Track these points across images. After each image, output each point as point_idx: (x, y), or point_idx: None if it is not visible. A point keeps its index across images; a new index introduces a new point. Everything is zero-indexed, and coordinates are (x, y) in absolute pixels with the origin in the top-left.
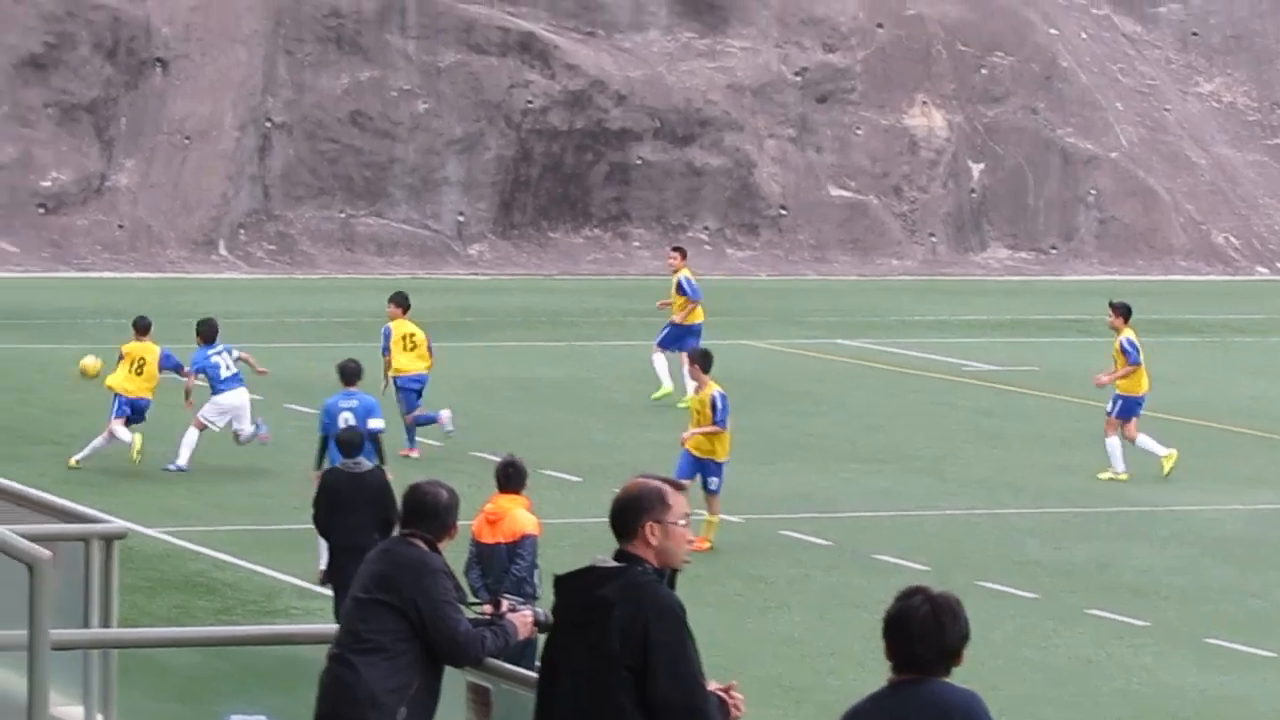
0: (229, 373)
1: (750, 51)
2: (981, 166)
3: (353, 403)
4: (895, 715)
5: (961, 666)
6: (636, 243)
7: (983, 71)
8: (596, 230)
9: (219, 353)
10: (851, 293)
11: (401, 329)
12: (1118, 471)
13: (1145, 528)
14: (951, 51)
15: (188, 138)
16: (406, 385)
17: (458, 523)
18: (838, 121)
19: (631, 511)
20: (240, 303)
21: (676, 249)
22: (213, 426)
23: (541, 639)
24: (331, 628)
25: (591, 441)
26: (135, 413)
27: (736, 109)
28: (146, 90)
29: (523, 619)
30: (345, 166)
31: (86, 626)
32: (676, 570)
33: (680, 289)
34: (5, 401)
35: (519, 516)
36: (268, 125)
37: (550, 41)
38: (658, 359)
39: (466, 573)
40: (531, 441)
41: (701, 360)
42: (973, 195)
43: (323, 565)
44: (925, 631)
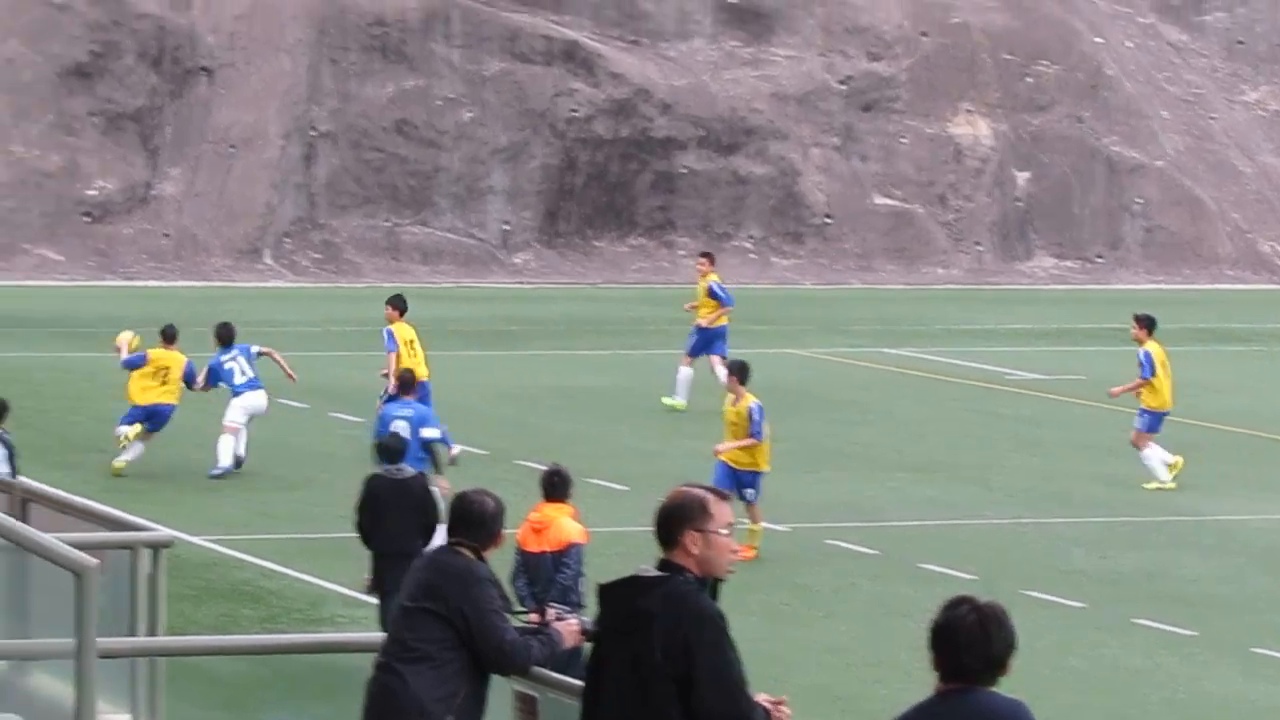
0: (244, 378)
1: (795, 60)
2: (1027, 175)
3: (407, 411)
4: None
5: (1008, 676)
6: (681, 251)
7: (1028, 80)
8: (641, 239)
9: (233, 357)
10: (896, 301)
11: (404, 334)
12: (1163, 481)
13: (1192, 537)
14: (996, 60)
15: (233, 146)
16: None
17: (504, 531)
18: (882, 130)
19: (673, 520)
20: (285, 311)
21: (705, 254)
22: (239, 425)
23: (588, 648)
24: (377, 636)
25: (637, 450)
26: (152, 419)
27: (781, 117)
28: (192, 99)
29: (569, 627)
30: (390, 175)
31: (133, 634)
32: (720, 580)
33: (712, 294)
34: (53, 410)
35: (564, 525)
36: (313, 134)
37: (595, 50)
38: (684, 371)
39: (512, 581)
40: (577, 450)
41: (740, 372)
42: (1018, 204)
43: (370, 574)
44: (972, 641)
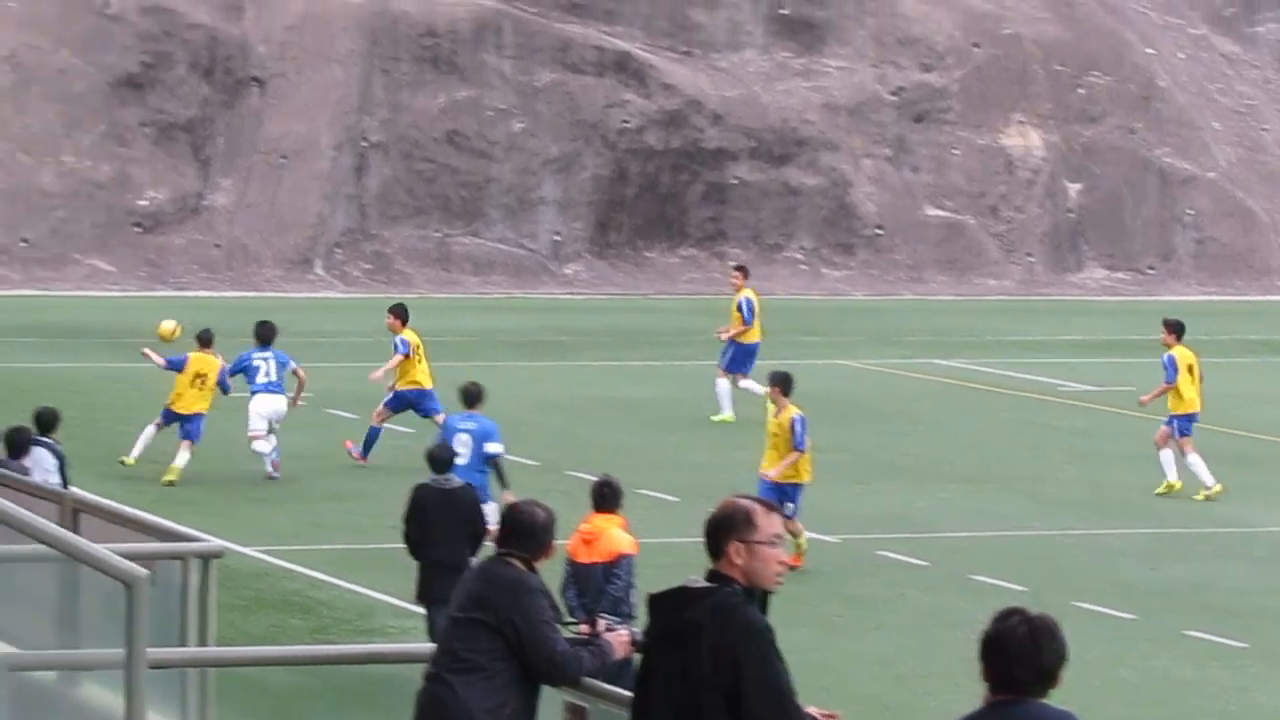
0: (266, 379)
1: (846, 71)
2: (1079, 186)
3: (471, 425)
4: None
5: (1058, 688)
6: (733, 262)
7: (1080, 91)
8: (692, 250)
9: (266, 358)
10: (948, 313)
11: (412, 341)
12: (1209, 487)
13: (1243, 548)
14: (1048, 71)
15: (284, 157)
16: (409, 397)
17: (554, 542)
18: (934, 141)
19: (718, 531)
20: (336, 322)
21: (738, 268)
22: (260, 431)
23: (638, 659)
24: (428, 647)
25: (688, 461)
26: (185, 425)
27: (832, 128)
28: (243, 109)
29: (619, 638)
30: (441, 186)
31: (183, 645)
32: (768, 592)
33: (739, 308)
34: (102, 420)
35: (615, 536)
36: (364, 145)
37: (646, 61)
38: (721, 383)
39: (562, 592)
40: (627, 461)
41: (782, 383)
42: (1070, 215)
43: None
44: (1023, 652)
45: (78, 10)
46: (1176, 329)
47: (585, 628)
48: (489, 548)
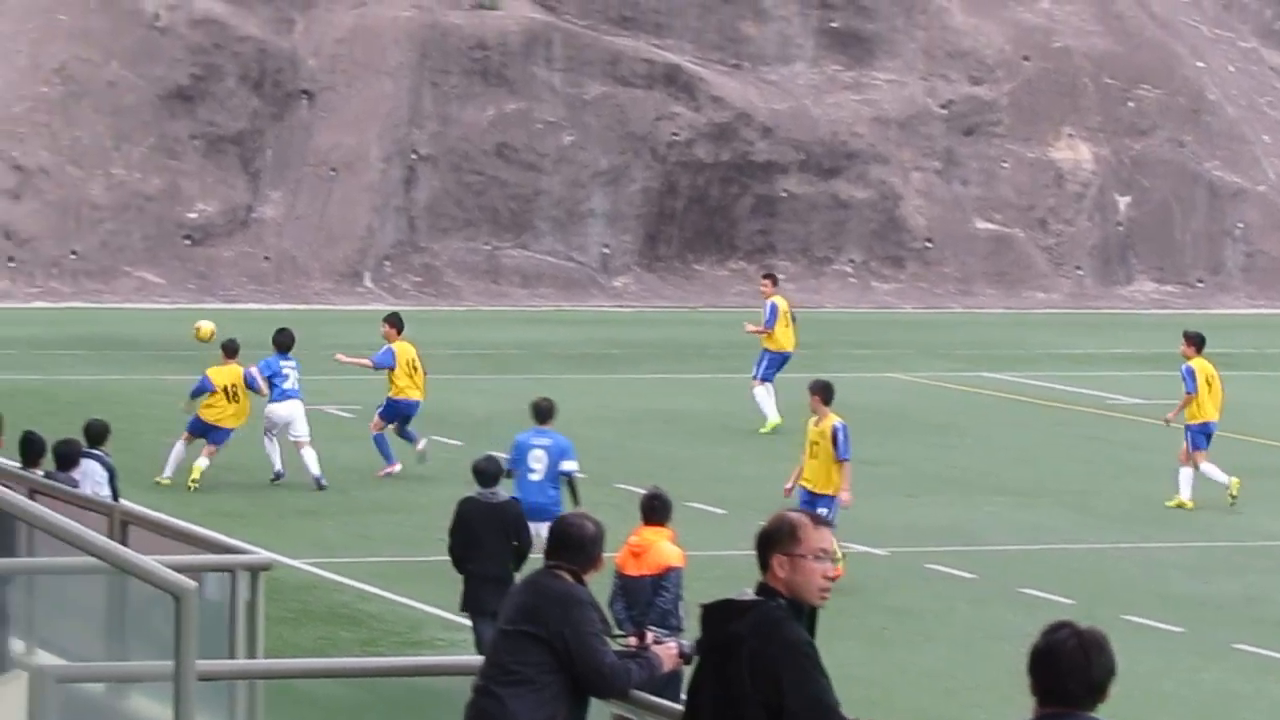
0: (290, 384)
1: (896, 84)
2: (1128, 199)
3: (546, 441)
4: None
5: (1106, 702)
6: (782, 275)
7: (1129, 104)
8: (741, 263)
9: (291, 366)
10: (997, 325)
11: (406, 353)
12: (1228, 486)
13: None
14: (1098, 84)
15: (333, 170)
16: (401, 406)
17: (603, 555)
18: (984, 154)
19: (764, 544)
20: None
21: (767, 276)
22: (273, 436)
23: (687, 671)
24: (476, 659)
25: (736, 474)
26: (211, 435)
27: (882, 141)
28: (292, 122)
29: (668, 651)
30: (490, 199)
31: (232, 657)
32: (815, 607)
33: (766, 311)
34: (150, 433)
35: (663, 549)
36: (413, 157)
37: (696, 74)
38: (759, 392)
39: (611, 605)
40: (676, 474)
41: (823, 392)
42: (1119, 228)
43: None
44: (1073, 666)
45: (128, 23)
46: (1196, 341)
47: (633, 640)
48: (533, 561)
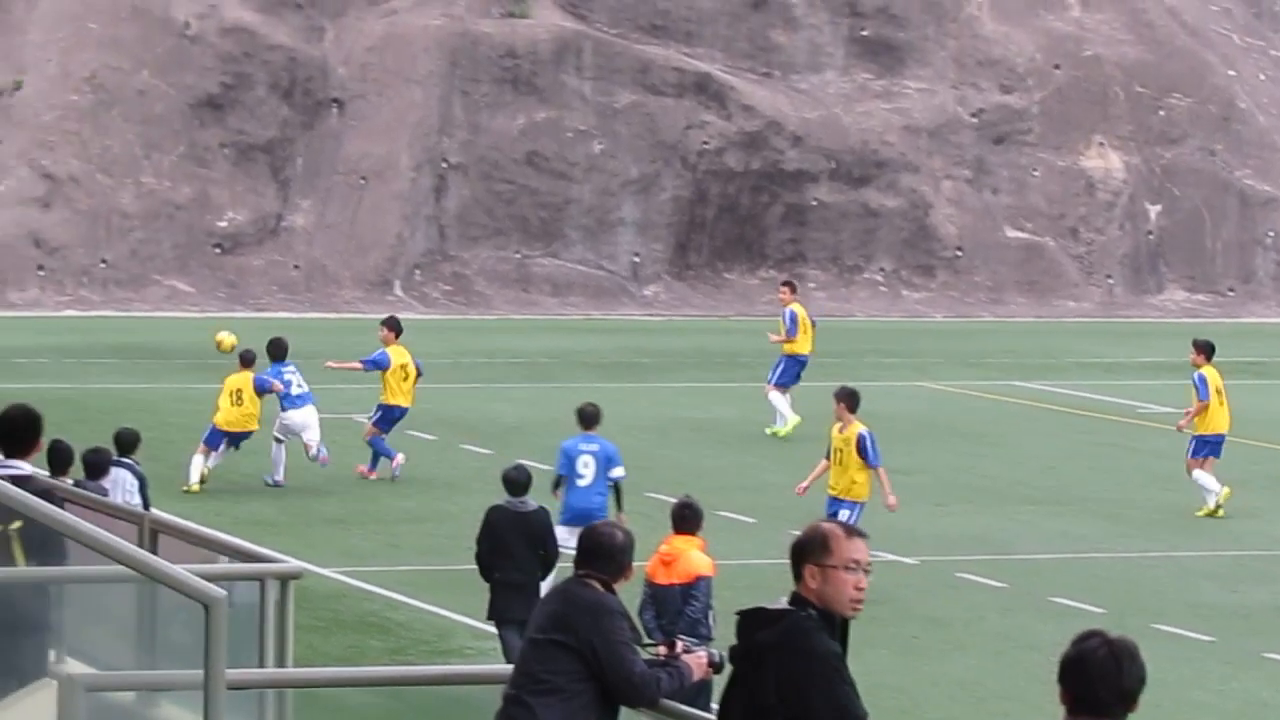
0: (299, 390)
1: (926, 93)
2: (1159, 208)
3: (593, 447)
4: None
5: (1135, 712)
6: (812, 284)
7: (1160, 113)
8: (772, 271)
9: (292, 370)
10: (1027, 334)
11: (400, 357)
12: (1217, 494)
13: None
14: (1129, 93)
15: (363, 178)
16: (393, 413)
17: (633, 563)
18: (1014, 163)
19: (797, 554)
20: (415, 343)
21: (786, 283)
22: (283, 440)
23: (716, 680)
24: (505, 668)
25: (766, 483)
26: (232, 441)
27: (912, 150)
28: (323, 131)
29: (697, 660)
30: (521, 207)
31: (262, 666)
32: (846, 618)
33: (784, 320)
34: (180, 441)
35: (693, 558)
36: (443, 166)
37: (726, 82)
38: (774, 396)
39: (640, 613)
40: (706, 482)
41: (848, 399)
42: (1150, 237)
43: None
44: (1104, 674)
45: (158, 32)
46: (1206, 349)
47: (663, 649)
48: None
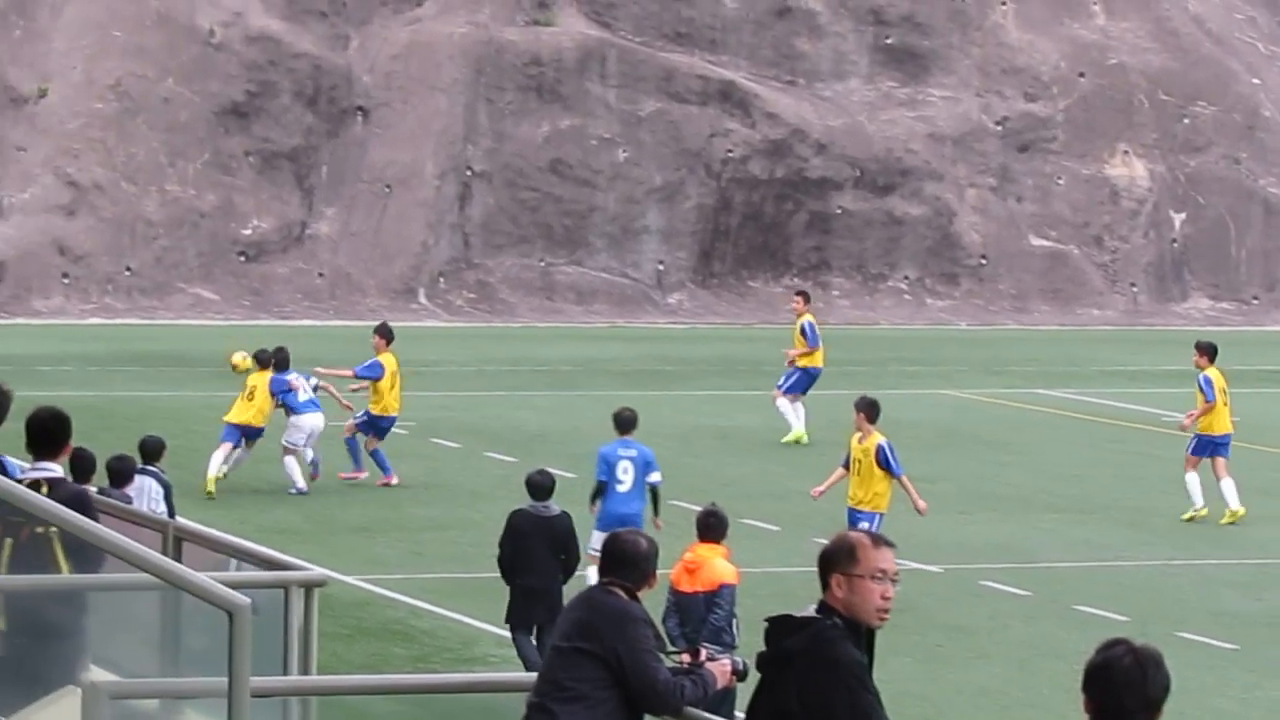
0: (306, 396)
1: (951, 101)
2: (1183, 216)
3: (631, 452)
4: None
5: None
6: (836, 292)
7: (1185, 121)
8: (796, 279)
9: (295, 378)
10: (1052, 343)
11: (390, 364)
12: (1196, 509)
13: None
14: (1153, 101)
15: (388, 186)
16: (383, 422)
17: (657, 571)
18: (1039, 171)
19: (824, 563)
20: (439, 351)
21: (799, 294)
22: (296, 446)
23: (740, 688)
24: (529, 676)
25: (790, 491)
26: (245, 438)
27: (937, 158)
28: (347, 139)
29: (721, 668)
30: (545, 215)
31: (286, 674)
32: (872, 628)
33: (803, 332)
34: (205, 449)
35: (718, 565)
36: (468, 174)
37: (750, 90)
38: (782, 403)
39: (664, 621)
40: (730, 490)
41: (868, 409)
42: (1174, 245)
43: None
44: (1129, 682)
45: (183, 39)
46: (1209, 351)
47: (687, 657)
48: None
